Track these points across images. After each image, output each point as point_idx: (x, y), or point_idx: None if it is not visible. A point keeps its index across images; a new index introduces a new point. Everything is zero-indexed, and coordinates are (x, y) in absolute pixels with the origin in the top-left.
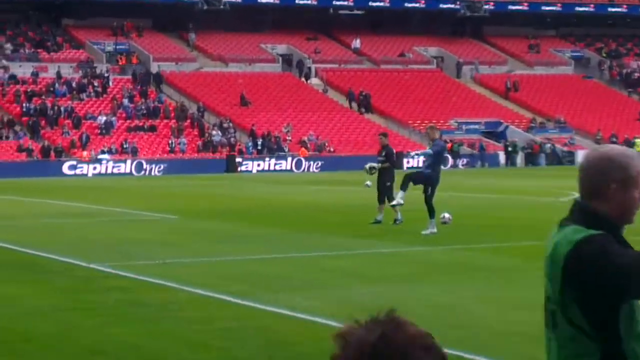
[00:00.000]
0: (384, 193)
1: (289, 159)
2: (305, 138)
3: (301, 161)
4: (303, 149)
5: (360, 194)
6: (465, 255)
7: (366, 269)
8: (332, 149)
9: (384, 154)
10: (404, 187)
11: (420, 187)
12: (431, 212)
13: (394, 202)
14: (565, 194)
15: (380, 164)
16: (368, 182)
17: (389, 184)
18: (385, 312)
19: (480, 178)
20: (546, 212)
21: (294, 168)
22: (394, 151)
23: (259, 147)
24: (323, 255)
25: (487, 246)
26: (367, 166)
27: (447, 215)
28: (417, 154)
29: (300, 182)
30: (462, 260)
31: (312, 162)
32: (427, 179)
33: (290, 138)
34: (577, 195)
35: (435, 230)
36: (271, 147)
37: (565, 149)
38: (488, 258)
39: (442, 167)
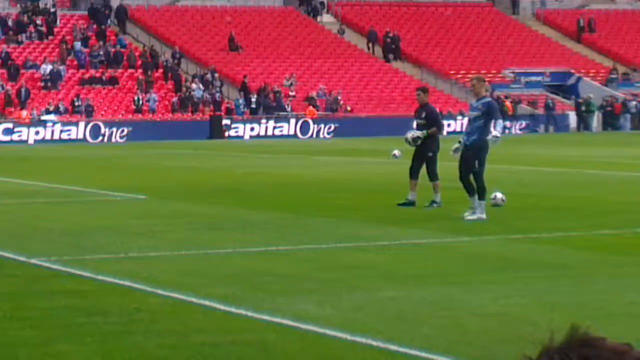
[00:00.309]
0: (420, 166)
1: (292, 121)
2: (314, 94)
3: (308, 124)
4: (311, 108)
5: (386, 167)
6: (523, 247)
7: (394, 266)
8: (348, 109)
9: (423, 115)
10: (471, 190)
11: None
12: (480, 191)
13: (394, 152)
14: None
15: (425, 131)
16: (395, 152)
17: (430, 154)
18: (569, 333)
19: (544, 146)
20: (631, 191)
21: (298, 133)
22: (438, 111)
23: (253, 106)
24: (337, 247)
25: (551, 236)
26: (410, 136)
27: (499, 195)
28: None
29: (306, 151)
30: (518, 255)
31: (322, 126)
32: (474, 148)
33: (293, 93)
34: None
35: (483, 215)
36: (269, 106)
37: None
38: (553, 251)
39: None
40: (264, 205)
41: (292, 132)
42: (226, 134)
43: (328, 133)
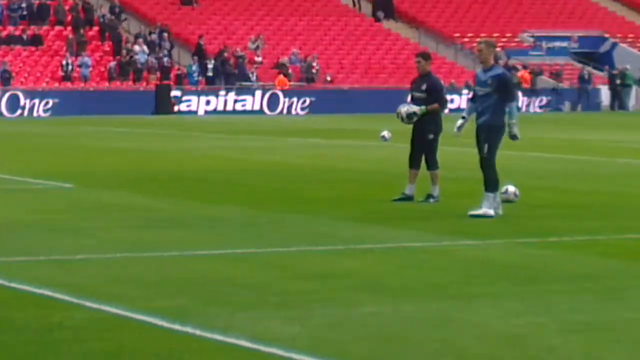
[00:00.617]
0: (422, 151)
1: (258, 93)
2: (285, 59)
3: (278, 97)
4: (281, 77)
5: (374, 152)
6: (537, 254)
7: (378, 275)
8: (328, 78)
9: (424, 87)
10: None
11: (465, 139)
12: (491, 182)
13: (383, 133)
14: None
15: (423, 107)
16: (385, 133)
17: (431, 136)
18: None
19: (569, 128)
20: None
21: (265, 108)
22: (442, 83)
23: (210, 74)
24: (310, 251)
25: (573, 240)
26: (404, 110)
27: (511, 188)
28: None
29: (275, 131)
30: (531, 263)
31: (295, 99)
32: (485, 130)
33: (260, 59)
34: None
35: (491, 210)
36: (229, 74)
37: None
38: (575, 259)
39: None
40: (221, 197)
41: (257, 106)
42: (176, 108)
43: (302, 108)
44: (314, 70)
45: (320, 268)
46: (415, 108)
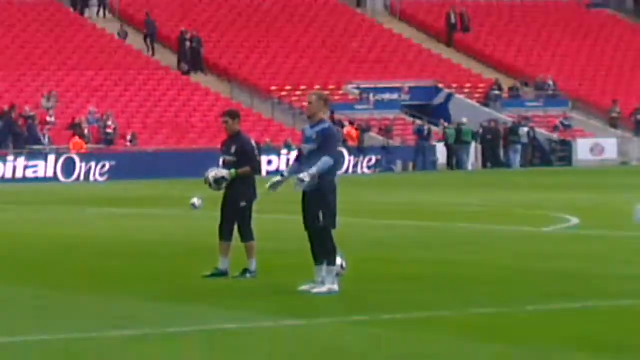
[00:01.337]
0: (234, 220)
1: (52, 157)
2: (82, 119)
3: (74, 161)
4: (77, 138)
5: (183, 221)
6: (371, 333)
7: None
8: (131, 139)
9: (233, 149)
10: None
11: (288, 205)
12: (331, 254)
13: (193, 200)
14: (555, 219)
15: (233, 170)
16: (195, 200)
17: (244, 203)
18: None
19: (401, 191)
20: (521, 252)
21: (60, 174)
22: (253, 143)
23: None
24: (107, 337)
25: (412, 317)
26: (211, 175)
27: (337, 260)
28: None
29: (71, 199)
30: (366, 344)
31: (93, 163)
32: (315, 194)
33: (53, 119)
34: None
35: (335, 286)
36: (18, 135)
37: (556, 135)
38: (410, 337)
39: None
40: (8, 277)
41: (51, 172)
42: None
43: (101, 174)
44: (109, 130)
45: (122, 356)
46: (224, 172)
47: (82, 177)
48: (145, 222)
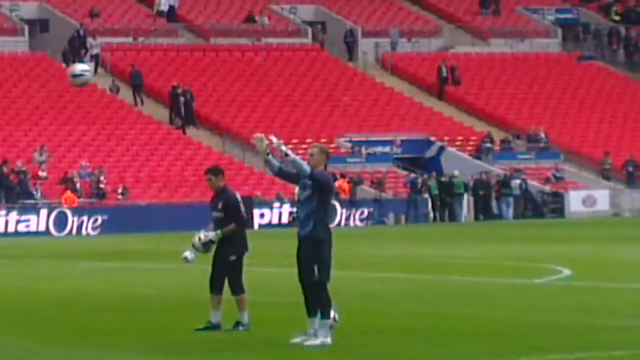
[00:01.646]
0: (224, 275)
1: (44, 212)
2: (74, 173)
3: (66, 215)
4: (69, 192)
5: (176, 275)
6: None
7: None
8: (122, 192)
9: (220, 205)
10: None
11: (279, 258)
12: (325, 306)
13: (185, 254)
14: (548, 271)
15: (219, 231)
16: (187, 254)
17: (234, 257)
18: None
19: (393, 243)
20: (515, 305)
21: (52, 229)
22: (239, 197)
23: None
24: None
25: None
26: (198, 239)
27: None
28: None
29: (63, 254)
30: None
31: (85, 217)
32: (310, 245)
33: (45, 174)
34: (566, 271)
35: (328, 339)
36: (10, 189)
37: (548, 187)
38: None
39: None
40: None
41: (43, 227)
42: None
43: (94, 228)
44: (101, 185)
45: None
46: (211, 235)
47: (74, 231)
48: (137, 275)
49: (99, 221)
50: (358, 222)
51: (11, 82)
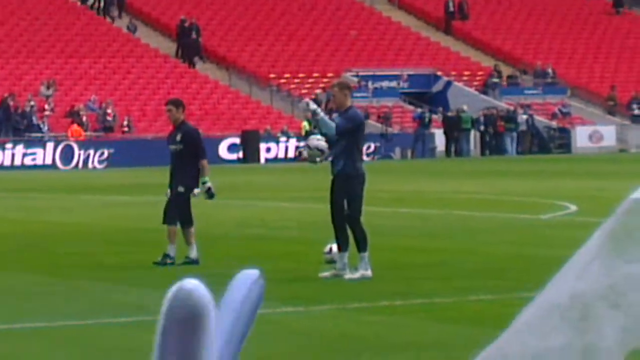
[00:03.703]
0: (176, 207)
1: (50, 145)
2: (80, 107)
3: (72, 149)
4: (75, 126)
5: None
6: (367, 321)
7: None
8: (129, 125)
9: (179, 137)
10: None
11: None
12: (362, 240)
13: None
14: (554, 207)
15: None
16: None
17: (181, 189)
18: None
19: (400, 178)
20: (517, 240)
21: (58, 162)
22: (196, 131)
23: None
24: (115, 323)
25: (408, 303)
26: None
27: (335, 247)
28: (313, 136)
29: (70, 188)
30: (365, 331)
31: (92, 151)
32: (342, 180)
33: (52, 106)
34: (572, 207)
35: (369, 272)
36: (16, 123)
37: (555, 123)
38: (411, 325)
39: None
40: (8, 264)
41: (49, 160)
42: None
43: (100, 161)
44: (109, 118)
45: (125, 343)
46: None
47: (80, 165)
48: (142, 210)
49: (106, 154)
50: (365, 157)
51: (18, 15)
